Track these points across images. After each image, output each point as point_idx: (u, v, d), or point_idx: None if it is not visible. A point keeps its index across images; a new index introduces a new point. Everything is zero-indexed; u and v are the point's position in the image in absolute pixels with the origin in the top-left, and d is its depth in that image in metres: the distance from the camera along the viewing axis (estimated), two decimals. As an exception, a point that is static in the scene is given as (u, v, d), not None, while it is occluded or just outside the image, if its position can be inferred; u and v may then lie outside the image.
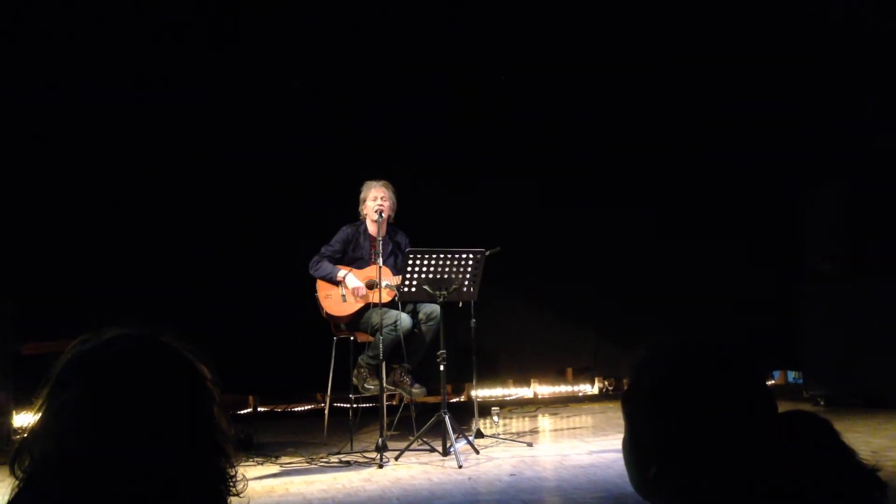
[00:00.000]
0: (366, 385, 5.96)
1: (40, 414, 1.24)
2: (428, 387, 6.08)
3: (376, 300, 5.70)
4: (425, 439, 5.70)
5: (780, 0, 7.48)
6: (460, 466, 5.27)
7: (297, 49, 7.12)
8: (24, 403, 5.98)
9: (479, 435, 6.01)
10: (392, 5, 7.24)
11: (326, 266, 6.07)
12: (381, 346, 5.66)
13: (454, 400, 7.37)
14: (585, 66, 7.50)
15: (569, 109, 7.48)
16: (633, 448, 1.37)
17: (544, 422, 6.97)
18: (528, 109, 7.44)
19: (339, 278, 6.04)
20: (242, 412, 7.25)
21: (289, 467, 5.51)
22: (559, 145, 7.47)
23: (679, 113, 7.59)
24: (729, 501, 1.28)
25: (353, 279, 6.04)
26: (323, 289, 6.07)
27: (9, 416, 5.91)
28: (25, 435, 1.25)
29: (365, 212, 6.18)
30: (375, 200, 6.07)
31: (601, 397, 7.80)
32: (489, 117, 7.37)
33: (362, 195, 6.19)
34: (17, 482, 1.23)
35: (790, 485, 1.26)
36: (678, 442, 1.31)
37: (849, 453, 1.31)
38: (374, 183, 6.16)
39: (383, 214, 5.93)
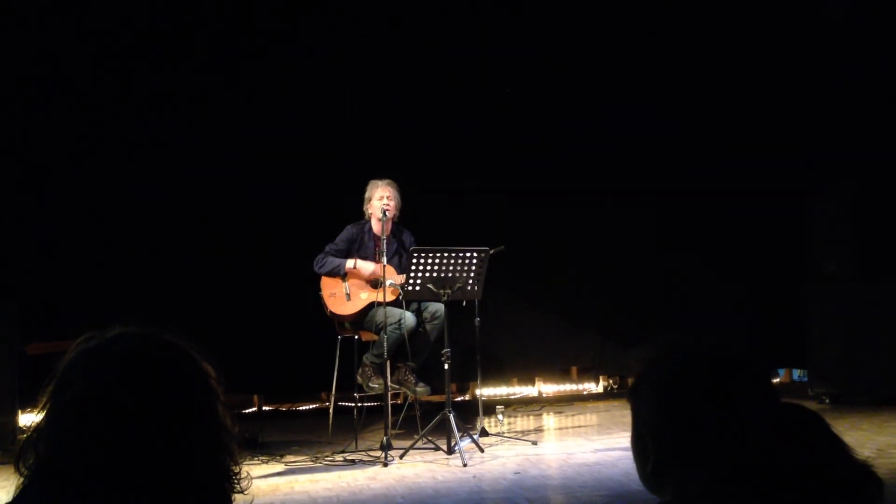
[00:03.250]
0: (370, 384, 5.96)
1: (45, 412, 1.24)
2: (432, 385, 6.06)
3: (381, 299, 5.70)
4: (430, 438, 5.70)
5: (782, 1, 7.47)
6: (465, 465, 5.27)
7: (301, 50, 7.12)
8: (29, 403, 5.99)
9: (484, 433, 6.00)
10: (394, 10, 7.22)
11: (333, 260, 6.05)
12: (385, 345, 5.65)
13: (459, 399, 7.36)
14: (589, 65, 7.49)
15: (571, 110, 7.47)
16: (635, 442, 1.39)
17: (549, 420, 6.97)
18: (532, 109, 7.43)
19: (347, 268, 6.03)
20: (247, 411, 7.24)
21: (294, 466, 5.52)
22: (562, 146, 7.44)
23: (682, 111, 7.55)
24: (725, 498, 1.28)
25: (363, 263, 6.03)
26: (327, 287, 6.06)
27: (14, 415, 5.92)
28: (30, 433, 1.24)
29: (370, 211, 6.18)
30: (381, 200, 6.05)
31: (606, 396, 7.79)
32: (493, 117, 7.36)
33: (367, 194, 6.19)
34: (21, 480, 1.23)
35: (784, 478, 1.26)
36: (677, 438, 1.32)
37: (840, 445, 1.31)
38: (379, 182, 6.15)
39: (388, 214, 5.92)
